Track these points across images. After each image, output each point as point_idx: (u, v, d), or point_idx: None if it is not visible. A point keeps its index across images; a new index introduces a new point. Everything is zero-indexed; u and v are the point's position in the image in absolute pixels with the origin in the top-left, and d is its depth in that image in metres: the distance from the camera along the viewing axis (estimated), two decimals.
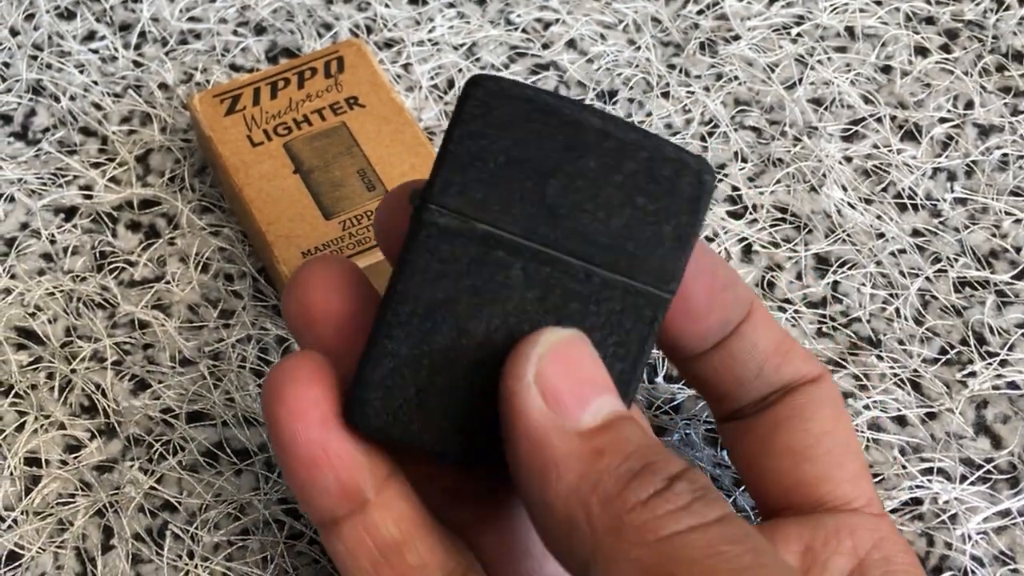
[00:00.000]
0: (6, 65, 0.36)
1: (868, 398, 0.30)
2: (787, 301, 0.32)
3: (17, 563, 0.27)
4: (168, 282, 0.32)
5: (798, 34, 0.38)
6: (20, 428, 0.29)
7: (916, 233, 0.33)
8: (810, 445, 0.24)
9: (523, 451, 0.19)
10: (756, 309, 0.25)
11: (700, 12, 0.38)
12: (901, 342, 0.31)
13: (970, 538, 0.28)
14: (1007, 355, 0.31)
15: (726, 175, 0.34)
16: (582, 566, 0.19)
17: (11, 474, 0.28)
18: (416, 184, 0.22)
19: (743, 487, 0.28)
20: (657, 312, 0.21)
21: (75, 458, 0.29)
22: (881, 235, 0.33)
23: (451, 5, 0.38)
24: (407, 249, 0.21)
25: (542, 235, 0.21)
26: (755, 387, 0.25)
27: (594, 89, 0.36)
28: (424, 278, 0.21)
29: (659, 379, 0.31)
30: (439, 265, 0.20)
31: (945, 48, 0.38)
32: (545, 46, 0.37)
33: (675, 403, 0.30)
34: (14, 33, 0.37)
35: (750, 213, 0.34)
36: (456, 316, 0.21)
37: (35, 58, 0.36)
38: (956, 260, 0.33)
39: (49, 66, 0.36)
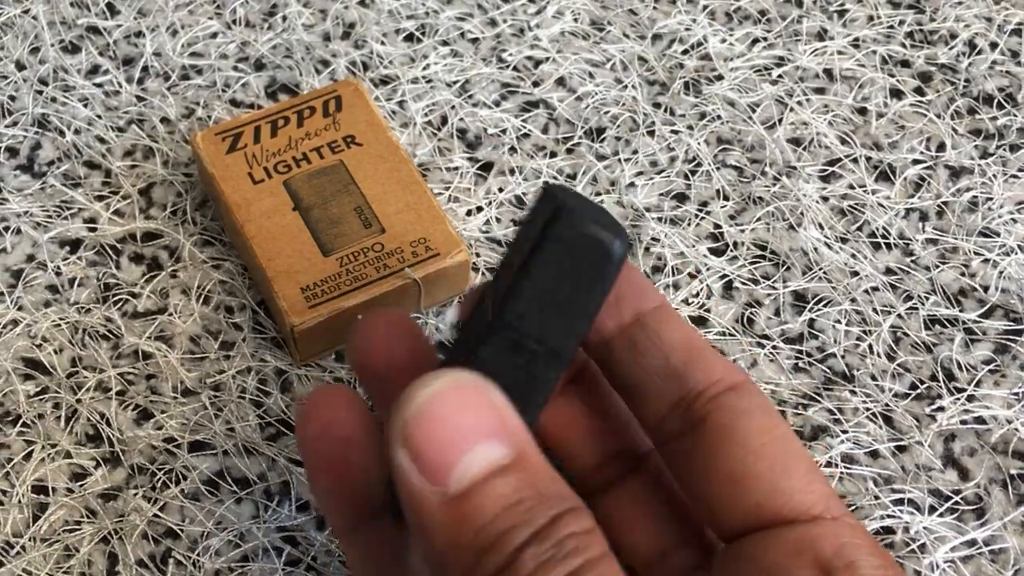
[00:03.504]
0: (12, 99, 0.37)
1: (842, 431, 0.32)
2: (765, 337, 0.33)
3: None
4: (170, 314, 0.33)
5: (778, 75, 0.39)
6: (28, 457, 0.30)
7: (889, 271, 0.35)
8: (750, 464, 0.23)
9: (407, 513, 0.20)
10: (664, 308, 0.25)
11: (685, 52, 0.40)
12: (874, 377, 0.33)
13: (938, 567, 0.29)
14: (974, 391, 0.32)
15: (708, 212, 0.36)
16: None
17: (19, 501, 0.29)
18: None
19: None
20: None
21: (81, 486, 0.30)
22: (855, 273, 0.35)
23: (445, 43, 0.39)
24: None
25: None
26: (665, 389, 0.24)
27: (582, 127, 0.38)
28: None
29: None
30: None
31: (919, 91, 0.39)
32: (535, 84, 0.39)
33: None
34: (20, 67, 0.38)
35: (731, 250, 0.35)
36: None
37: (40, 92, 0.37)
38: (927, 298, 0.34)
39: (54, 100, 0.37)
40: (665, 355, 0.24)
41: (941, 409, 0.32)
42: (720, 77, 0.39)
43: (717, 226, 0.36)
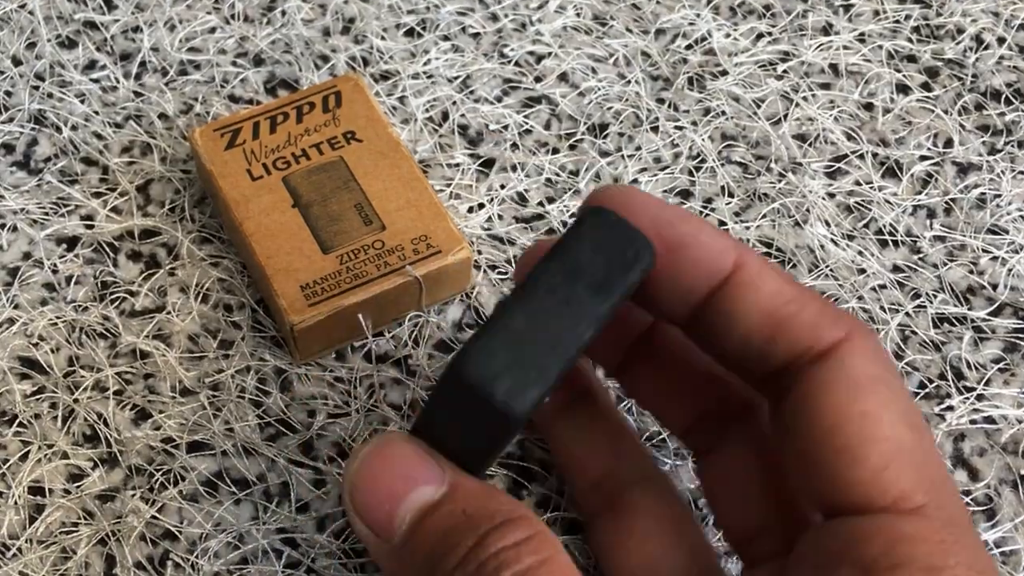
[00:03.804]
0: (8, 94, 0.37)
1: None
2: None
3: None
4: (168, 312, 0.32)
5: (784, 71, 0.39)
6: (24, 457, 0.30)
7: (896, 269, 0.34)
8: (817, 448, 0.21)
9: (375, 561, 0.22)
10: (739, 274, 0.22)
11: (688, 47, 0.39)
12: None
13: None
14: (983, 390, 0.32)
15: (713, 209, 0.35)
16: None
17: (15, 503, 0.29)
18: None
19: None
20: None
21: (78, 487, 0.29)
22: (863, 271, 0.34)
23: (446, 38, 0.39)
24: None
25: None
26: (752, 366, 0.22)
27: (585, 123, 0.37)
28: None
29: None
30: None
31: (926, 86, 0.39)
32: (538, 79, 0.38)
33: None
34: (16, 63, 0.37)
35: None
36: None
37: (37, 88, 0.37)
38: (935, 296, 0.34)
39: (50, 96, 0.37)
40: (744, 337, 0.22)
41: (950, 408, 0.32)
42: (724, 72, 0.39)
43: (722, 223, 0.35)
